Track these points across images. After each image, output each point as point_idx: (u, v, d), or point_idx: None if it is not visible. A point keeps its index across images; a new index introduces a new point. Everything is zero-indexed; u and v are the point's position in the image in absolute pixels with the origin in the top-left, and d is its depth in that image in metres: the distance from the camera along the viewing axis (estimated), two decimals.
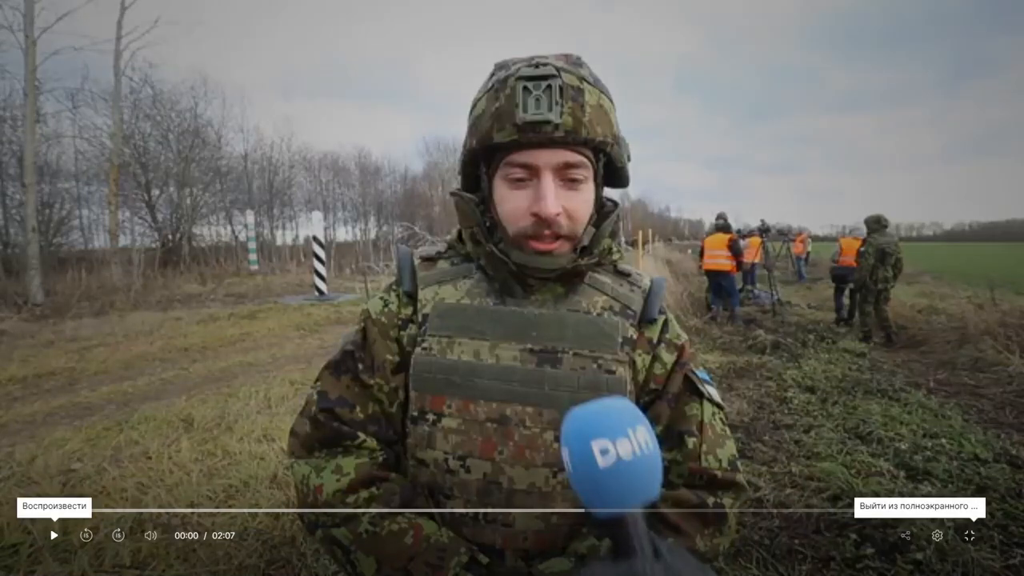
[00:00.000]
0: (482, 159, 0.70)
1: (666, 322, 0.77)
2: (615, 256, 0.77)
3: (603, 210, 0.74)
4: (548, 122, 0.62)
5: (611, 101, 0.68)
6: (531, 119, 0.62)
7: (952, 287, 10.91)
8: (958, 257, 28.40)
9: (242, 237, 18.73)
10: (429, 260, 0.78)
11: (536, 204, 0.65)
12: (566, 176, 0.66)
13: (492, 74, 0.68)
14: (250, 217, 16.19)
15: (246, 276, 14.69)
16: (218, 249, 18.46)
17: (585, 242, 0.71)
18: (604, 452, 0.41)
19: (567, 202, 0.66)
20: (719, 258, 7.68)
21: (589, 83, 0.65)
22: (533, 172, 0.65)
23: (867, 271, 6.47)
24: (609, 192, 0.76)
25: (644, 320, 0.75)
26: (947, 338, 6.07)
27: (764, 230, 9.35)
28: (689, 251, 21.42)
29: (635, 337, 0.73)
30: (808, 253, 16.62)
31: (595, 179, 0.69)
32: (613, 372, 0.70)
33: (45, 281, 10.31)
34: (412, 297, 0.75)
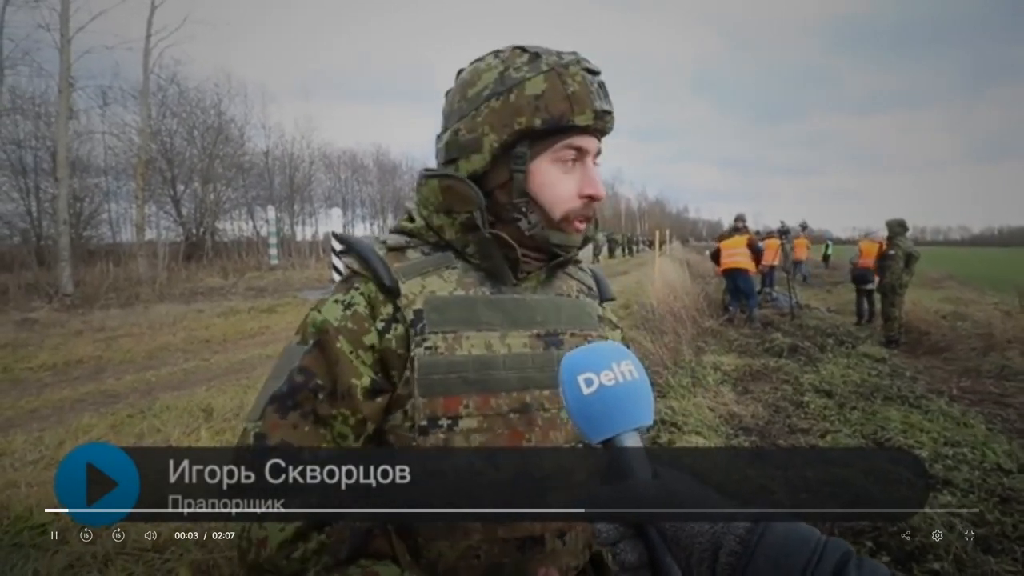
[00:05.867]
0: (528, 140, 0.67)
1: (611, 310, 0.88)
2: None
3: None
4: (610, 113, 0.69)
5: None
6: (604, 108, 0.67)
7: (980, 292, 10.60)
8: (986, 262, 27.51)
9: (263, 232, 19.03)
10: (398, 250, 0.71)
11: (590, 187, 0.70)
12: (595, 162, 0.72)
13: (523, 55, 0.68)
14: (271, 213, 16.49)
15: (266, 271, 14.96)
16: (240, 244, 18.80)
17: None
18: (589, 383, 0.46)
19: None
20: (736, 255, 7.58)
21: None
22: (580, 156, 0.69)
23: (898, 274, 6.38)
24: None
25: (603, 300, 0.84)
26: (972, 345, 5.91)
27: (783, 232, 9.21)
28: (706, 252, 21.14)
29: (602, 315, 0.82)
30: (828, 256, 16.19)
31: None
32: None
33: (75, 272, 10.64)
34: (391, 292, 0.66)
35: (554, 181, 0.68)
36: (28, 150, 13.86)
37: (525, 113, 0.65)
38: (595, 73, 0.68)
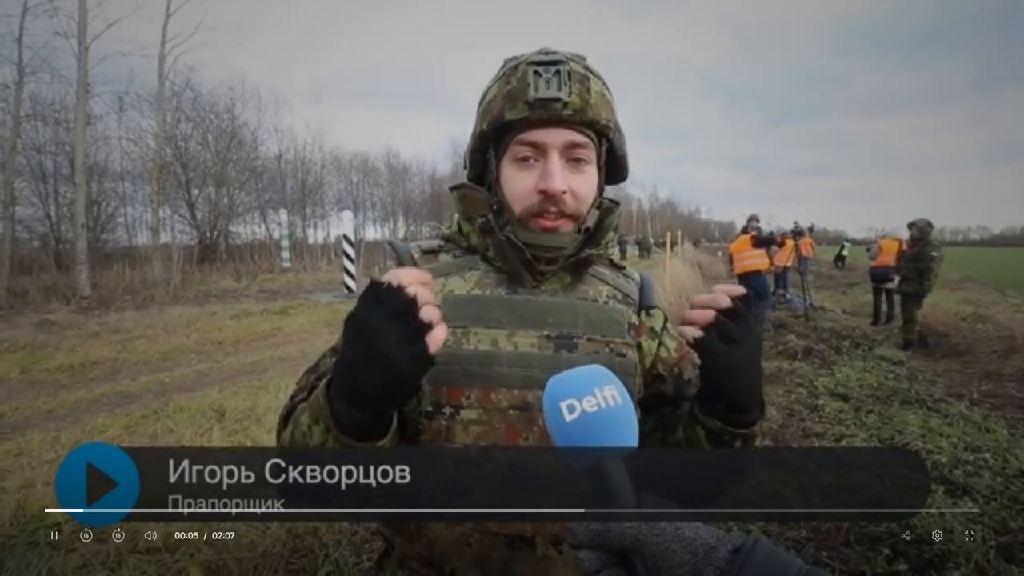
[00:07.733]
0: (491, 143, 0.72)
1: (665, 318, 0.84)
2: (610, 251, 0.81)
3: (603, 205, 0.76)
4: (558, 99, 0.65)
5: (612, 96, 0.72)
6: (542, 96, 0.65)
7: (1001, 293, 10.38)
8: (1007, 263, 26.85)
9: (276, 235, 19.27)
10: (431, 253, 0.77)
11: (543, 181, 0.68)
12: (571, 156, 0.69)
13: (502, 67, 0.72)
14: (283, 216, 16.67)
15: (279, 273, 15.11)
16: (252, 247, 19.03)
17: (589, 224, 0.73)
18: (571, 410, 0.46)
19: (573, 182, 0.69)
20: (747, 259, 7.51)
21: (593, 74, 0.69)
22: (540, 152, 0.68)
23: (936, 276, 6.28)
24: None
25: (643, 307, 0.81)
26: (993, 347, 5.77)
27: (797, 232, 9.09)
28: (719, 253, 21.01)
29: (638, 324, 0.79)
30: (844, 257, 15.98)
31: (598, 163, 0.72)
32: (624, 355, 0.74)
33: (92, 275, 10.83)
34: None
35: (511, 179, 0.70)
36: (48, 155, 14.17)
37: (481, 119, 0.71)
38: (551, 64, 0.66)
